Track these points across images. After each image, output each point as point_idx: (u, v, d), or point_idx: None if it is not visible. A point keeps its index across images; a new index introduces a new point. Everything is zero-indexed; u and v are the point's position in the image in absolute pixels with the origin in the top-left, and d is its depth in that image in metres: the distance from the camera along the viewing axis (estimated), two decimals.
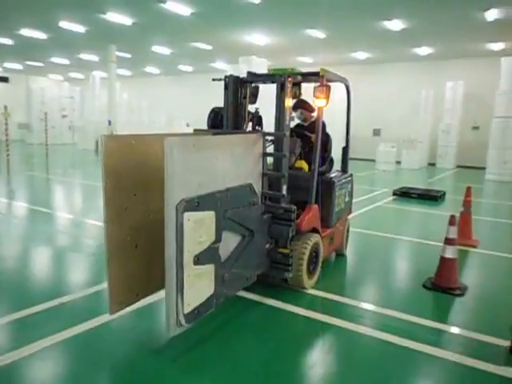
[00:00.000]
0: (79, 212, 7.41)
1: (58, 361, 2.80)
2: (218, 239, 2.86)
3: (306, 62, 21.22)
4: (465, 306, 3.79)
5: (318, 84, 3.77)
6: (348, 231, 5.17)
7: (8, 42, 18.67)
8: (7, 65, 27.03)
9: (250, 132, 4.00)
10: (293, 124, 4.61)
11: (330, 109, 4.14)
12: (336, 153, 4.75)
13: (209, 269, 2.80)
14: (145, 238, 2.99)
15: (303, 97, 4.42)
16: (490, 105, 17.54)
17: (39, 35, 16.99)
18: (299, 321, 3.41)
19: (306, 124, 4.70)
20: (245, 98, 4.11)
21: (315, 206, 4.01)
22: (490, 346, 3.08)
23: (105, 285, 3.79)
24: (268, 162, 3.74)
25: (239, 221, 3.12)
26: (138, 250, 2.95)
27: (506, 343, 3.02)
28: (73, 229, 6.21)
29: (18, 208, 7.46)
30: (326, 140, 4.31)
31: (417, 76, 19.91)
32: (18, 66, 27.43)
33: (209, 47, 18.90)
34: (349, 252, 5.22)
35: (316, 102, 3.80)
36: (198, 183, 2.71)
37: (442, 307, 3.80)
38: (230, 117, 4.05)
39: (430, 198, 9.36)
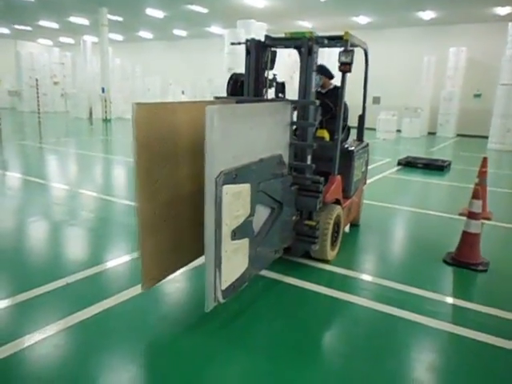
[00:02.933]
0: (75, 183, 7.14)
1: (92, 337, 2.69)
2: (253, 213, 2.79)
3: (305, 27, 20.49)
4: (490, 282, 3.66)
5: (343, 48, 3.57)
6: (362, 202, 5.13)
7: None
8: None
9: (278, 100, 3.78)
10: None
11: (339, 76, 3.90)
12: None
13: (244, 243, 2.74)
14: (173, 213, 2.87)
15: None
16: (493, 72, 17.14)
17: None
18: (321, 299, 3.27)
19: (323, 91, 4.44)
20: (266, 63, 3.87)
21: (338, 177, 3.89)
22: None
23: (111, 262, 3.70)
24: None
25: (270, 193, 3.03)
26: (167, 224, 2.83)
27: None
28: (69, 201, 5.97)
29: (12, 179, 7.19)
30: (344, 108, 4.07)
31: (419, 42, 19.34)
32: (4, 31, 26.32)
33: (204, 10, 18.12)
34: (362, 224, 5.09)
35: (341, 67, 3.61)
36: (234, 154, 2.58)
37: (467, 284, 3.67)
38: (252, 83, 3.84)
39: (436, 167, 9.19)
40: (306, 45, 3.46)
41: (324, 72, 4.37)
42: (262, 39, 3.83)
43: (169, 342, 2.65)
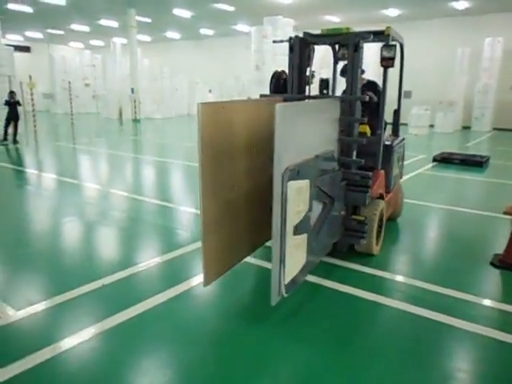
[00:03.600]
0: (107, 183, 7.25)
1: (155, 330, 2.78)
2: (310, 208, 2.84)
3: (333, 21, 20.16)
4: None
5: (384, 43, 3.56)
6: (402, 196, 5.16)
7: (28, 9, 18.28)
8: (28, 34, 26.76)
9: (328, 96, 3.86)
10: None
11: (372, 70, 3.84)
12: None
13: (303, 238, 2.80)
14: (231, 210, 2.95)
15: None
16: None
17: (58, 1, 16.51)
18: (362, 303, 3.15)
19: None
20: (308, 60, 3.91)
21: (382, 172, 3.94)
22: None
23: (146, 263, 3.69)
24: None
25: (324, 189, 3.10)
26: (226, 221, 2.91)
27: None
28: (101, 200, 6.04)
29: (47, 179, 7.36)
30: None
31: (452, 33, 18.67)
32: (38, 35, 27.13)
33: (231, 8, 18.09)
34: (401, 223, 4.92)
35: (383, 62, 3.58)
36: (296, 151, 2.65)
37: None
38: (296, 80, 3.86)
39: (474, 163, 8.82)
40: (351, 42, 3.44)
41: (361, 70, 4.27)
42: (302, 36, 3.82)
43: (233, 335, 2.70)
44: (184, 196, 6.52)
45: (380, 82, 4.32)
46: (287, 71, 3.91)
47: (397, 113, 4.67)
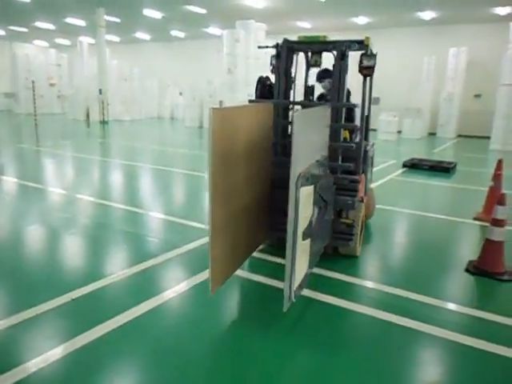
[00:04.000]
0: (73, 187, 6.90)
1: (129, 349, 2.59)
2: (314, 213, 2.91)
3: (304, 27, 20.37)
4: None
5: (363, 52, 3.70)
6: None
7: None
8: None
9: (322, 103, 3.97)
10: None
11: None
12: None
13: (308, 244, 2.85)
14: (234, 216, 2.99)
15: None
16: (493, 72, 17.05)
17: None
18: (333, 309, 3.09)
19: (327, 93, 4.49)
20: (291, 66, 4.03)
21: (363, 176, 4.02)
22: None
23: (113, 276, 3.48)
24: None
25: (321, 193, 3.14)
26: (229, 228, 2.95)
27: None
28: (67, 206, 5.74)
29: (8, 183, 6.97)
30: (352, 109, 4.03)
31: (419, 42, 19.24)
32: (0, 32, 26.00)
33: (203, 11, 17.93)
34: (374, 230, 4.93)
35: (363, 71, 3.71)
36: (305, 156, 2.71)
37: (496, 296, 3.50)
38: (282, 86, 3.91)
39: (442, 169, 9.04)
40: (339, 49, 3.60)
41: (331, 75, 4.32)
42: (288, 43, 3.91)
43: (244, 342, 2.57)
44: (154, 201, 6.31)
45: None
46: (267, 76, 4.00)
47: (366, 118, 4.68)
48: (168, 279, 3.58)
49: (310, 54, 4.14)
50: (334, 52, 3.69)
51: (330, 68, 4.52)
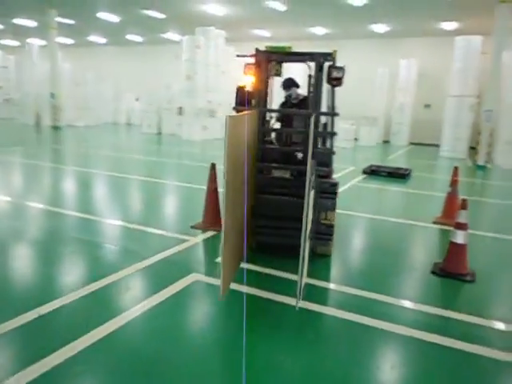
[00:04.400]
0: (21, 195, 6.53)
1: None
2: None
3: (263, 36, 20.59)
4: (482, 293, 3.67)
5: (331, 64, 3.99)
6: None
7: None
8: None
9: (307, 112, 4.19)
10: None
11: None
12: None
13: (308, 244, 3.00)
14: (237, 223, 3.10)
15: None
16: (441, 83, 18.02)
17: None
18: (319, 318, 3.09)
19: (295, 101, 4.70)
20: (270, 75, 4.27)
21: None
22: None
23: (72, 294, 3.28)
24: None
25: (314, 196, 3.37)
26: (234, 234, 3.05)
27: None
28: (14, 214, 5.42)
29: None
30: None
31: (373, 54, 20.00)
32: None
33: (161, 16, 17.69)
34: (343, 236, 5.00)
35: (333, 82, 3.98)
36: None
37: (466, 296, 3.65)
38: (262, 94, 4.16)
39: (399, 175, 9.41)
40: (317, 61, 3.88)
41: (296, 84, 4.72)
42: (270, 52, 4.14)
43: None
44: (110, 208, 6.09)
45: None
46: (244, 85, 4.19)
47: (326, 126, 4.82)
48: (129, 294, 3.44)
49: (273, 63, 4.27)
50: (310, 63, 4.01)
51: (292, 77, 4.82)
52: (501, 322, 3.12)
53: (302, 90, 4.85)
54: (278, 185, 4.09)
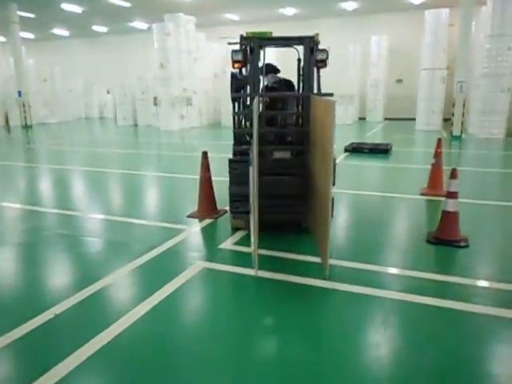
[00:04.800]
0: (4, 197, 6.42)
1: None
2: None
3: (232, 19, 20.35)
4: (477, 257, 3.85)
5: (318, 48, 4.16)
6: None
7: None
8: None
9: (305, 94, 4.29)
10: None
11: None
12: None
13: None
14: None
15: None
16: (413, 58, 18.32)
17: None
18: (319, 292, 3.19)
19: (276, 85, 4.72)
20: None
21: None
22: None
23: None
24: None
25: None
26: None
27: None
28: None
29: None
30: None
31: (344, 31, 20.06)
32: None
33: (127, 4, 17.24)
34: (341, 212, 5.12)
35: (318, 64, 4.17)
36: None
37: (460, 260, 3.82)
38: (257, 80, 4.24)
39: (381, 151, 9.60)
40: (307, 44, 4.05)
41: (275, 69, 4.84)
42: (261, 39, 4.18)
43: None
44: (101, 204, 6.04)
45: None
46: (236, 72, 4.34)
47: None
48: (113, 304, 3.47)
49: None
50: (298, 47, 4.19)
51: (272, 62, 4.96)
52: (495, 281, 3.30)
53: (283, 75, 4.97)
54: (279, 166, 4.17)
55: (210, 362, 2.40)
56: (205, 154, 4.85)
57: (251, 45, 4.06)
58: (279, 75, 4.94)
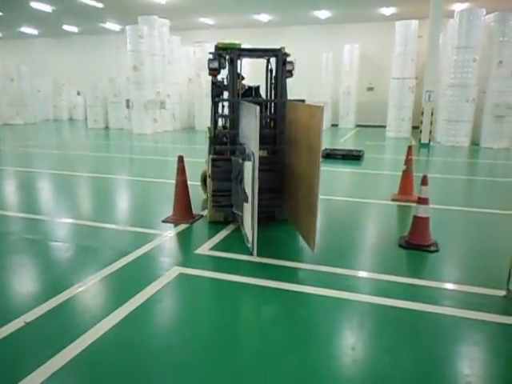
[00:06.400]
0: None
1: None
2: None
3: (207, 23, 20.32)
4: (447, 261, 3.99)
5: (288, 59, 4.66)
6: None
7: None
8: None
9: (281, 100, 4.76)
10: None
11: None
12: None
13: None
14: None
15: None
16: (383, 67, 18.81)
17: None
18: (292, 296, 3.23)
19: (242, 92, 5.06)
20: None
21: None
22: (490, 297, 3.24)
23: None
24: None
25: None
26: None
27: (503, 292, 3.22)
28: None
29: None
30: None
31: (317, 39, 20.38)
32: None
33: (99, 5, 16.92)
34: None
35: (287, 74, 4.72)
36: None
37: (429, 264, 3.93)
38: (236, 87, 4.63)
39: (353, 157, 9.79)
40: (280, 57, 4.56)
41: (242, 77, 5.06)
42: (242, 50, 4.62)
43: None
44: (71, 208, 5.90)
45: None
46: (216, 79, 4.74)
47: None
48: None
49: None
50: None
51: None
52: (463, 284, 3.43)
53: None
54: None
55: (185, 370, 2.38)
56: (181, 158, 4.82)
57: (231, 55, 4.47)
58: (244, 82, 5.20)
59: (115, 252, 4.00)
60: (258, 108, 3.37)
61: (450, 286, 3.43)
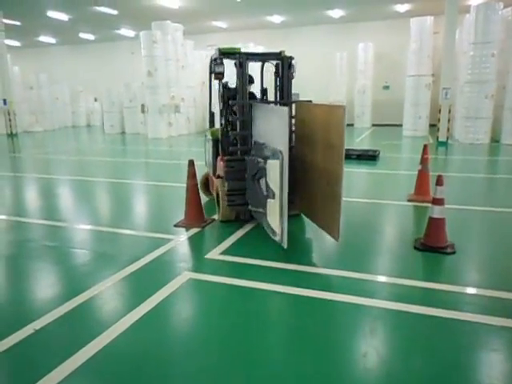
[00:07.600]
0: None
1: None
2: None
3: (220, 27, 20.40)
4: (464, 263, 3.86)
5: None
6: None
7: None
8: None
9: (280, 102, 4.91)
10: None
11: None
12: None
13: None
14: None
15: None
16: (398, 64, 18.54)
17: None
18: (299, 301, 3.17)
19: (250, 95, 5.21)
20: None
21: None
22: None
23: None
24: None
25: None
26: None
27: None
28: None
29: None
30: None
31: (331, 39, 20.26)
32: None
33: (114, 12, 17.18)
34: None
35: (289, 75, 4.84)
36: None
37: (446, 267, 3.82)
38: (246, 90, 4.69)
39: (369, 157, 9.64)
40: (286, 61, 4.72)
41: (252, 80, 5.13)
42: (248, 54, 4.73)
43: None
44: (86, 214, 5.95)
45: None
46: (226, 82, 4.80)
47: None
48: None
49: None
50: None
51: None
52: (482, 288, 3.30)
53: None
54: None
55: (198, 373, 2.35)
56: (191, 163, 4.81)
57: (240, 60, 4.56)
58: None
59: (126, 257, 4.01)
60: (287, 110, 3.59)
61: (467, 289, 3.30)
